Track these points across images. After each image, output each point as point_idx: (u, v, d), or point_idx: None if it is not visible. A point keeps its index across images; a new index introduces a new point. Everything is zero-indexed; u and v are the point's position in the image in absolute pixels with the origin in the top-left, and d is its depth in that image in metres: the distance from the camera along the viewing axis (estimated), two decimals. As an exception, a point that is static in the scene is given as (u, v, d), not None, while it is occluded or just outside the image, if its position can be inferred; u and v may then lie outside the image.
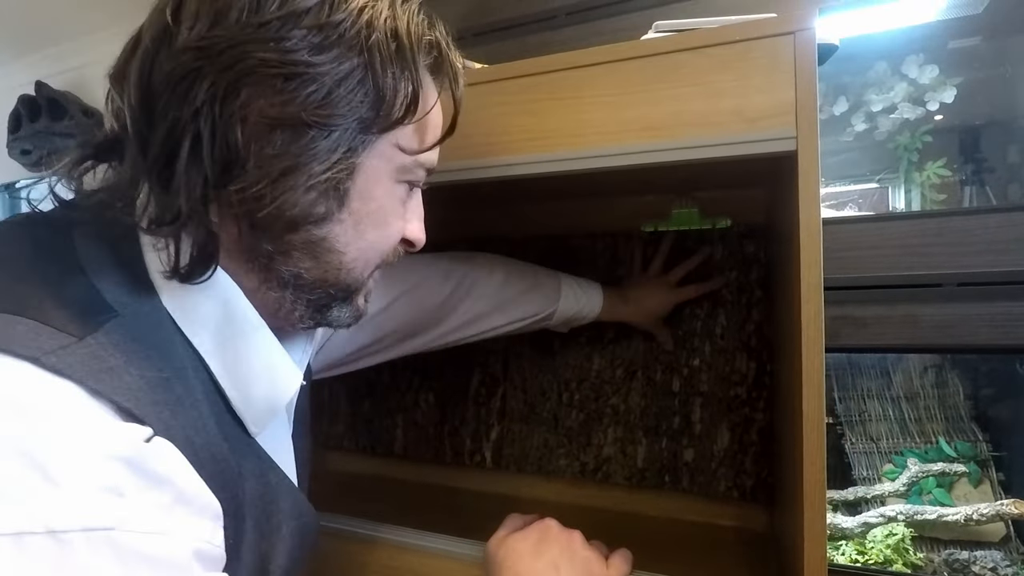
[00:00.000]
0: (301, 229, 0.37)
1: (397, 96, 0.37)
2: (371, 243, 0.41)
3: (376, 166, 0.39)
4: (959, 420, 1.08)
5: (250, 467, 0.39)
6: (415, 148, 0.41)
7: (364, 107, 0.36)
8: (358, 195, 0.39)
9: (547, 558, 0.50)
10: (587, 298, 0.74)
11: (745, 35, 0.46)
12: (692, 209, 0.77)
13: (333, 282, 0.40)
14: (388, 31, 0.37)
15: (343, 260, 0.40)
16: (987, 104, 1.12)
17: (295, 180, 0.35)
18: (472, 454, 0.91)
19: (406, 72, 0.37)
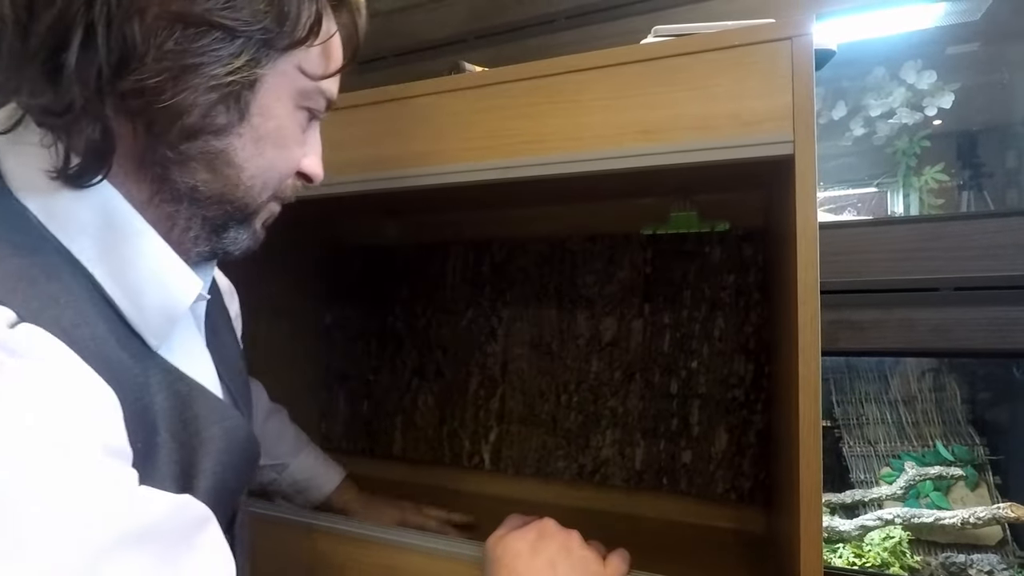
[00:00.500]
0: (200, 138, 0.37)
1: (300, 15, 0.38)
2: (270, 162, 0.41)
3: (278, 83, 0.39)
4: (956, 424, 1.09)
5: (157, 380, 0.38)
6: (317, 73, 0.41)
7: (268, 19, 0.36)
8: (259, 110, 0.39)
9: (544, 556, 0.50)
10: (324, 470, 0.76)
11: (743, 40, 0.46)
12: (691, 212, 0.78)
13: (231, 199, 0.40)
14: None
15: (241, 176, 0.39)
16: (985, 110, 1.13)
17: (195, 79, 0.35)
18: (471, 456, 0.91)
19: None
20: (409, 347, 0.98)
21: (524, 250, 0.90)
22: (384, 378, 0.99)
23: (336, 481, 0.77)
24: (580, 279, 0.86)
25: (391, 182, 0.58)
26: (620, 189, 0.77)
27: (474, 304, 0.93)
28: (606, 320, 0.85)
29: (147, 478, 0.33)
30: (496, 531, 0.54)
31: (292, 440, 0.75)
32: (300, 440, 0.76)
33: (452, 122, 0.55)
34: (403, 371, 0.98)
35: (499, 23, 1.09)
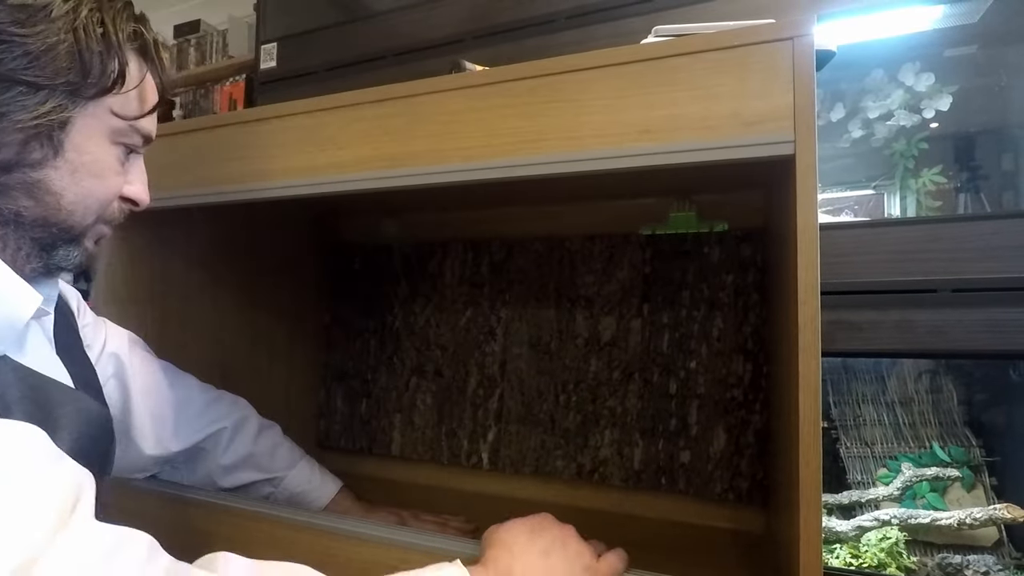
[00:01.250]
0: (16, 171, 0.43)
1: (105, 70, 0.45)
2: (88, 190, 0.46)
3: (89, 124, 0.46)
4: (953, 425, 1.09)
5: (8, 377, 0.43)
6: (129, 115, 0.48)
7: (71, 74, 0.43)
8: (72, 147, 0.45)
9: (539, 544, 0.52)
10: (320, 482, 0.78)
11: (743, 40, 0.46)
12: (690, 212, 0.78)
13: (55, 222, 0.46)
14: (95, 19, 0.44)
15: (61, 202, 0.45)
16: (982, 112, 1.13)
17: (3, 125, 0.41)
18: (469, 455, 0.91)
19: (111, 51, 0.45)
20: (408, 346, 0.98)
21: (523, 249, 0.90)
22: (383, 377, 0.99)
23: (332, 492, 0.78)
24: (579, 279, 0.86)
25: (391, 181, 0.58)
26: (619, 189, 0.77)
27: (473, 303, 0.93)
28: (605, 320, 0.85)
29: None
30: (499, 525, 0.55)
31: (286, 454, 0.77)
32: (294, 454, 0.78)
33: (452, 121, 0.55)
34: (402, 370, 0.98)
35: (498, 23, 1.09)
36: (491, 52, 1.08)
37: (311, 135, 0.62)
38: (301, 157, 0.62)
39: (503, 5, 1.09)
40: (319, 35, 1.30)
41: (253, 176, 0.64)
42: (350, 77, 1.21)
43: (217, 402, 0.75)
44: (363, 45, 1.22)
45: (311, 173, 0.62)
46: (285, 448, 0.77)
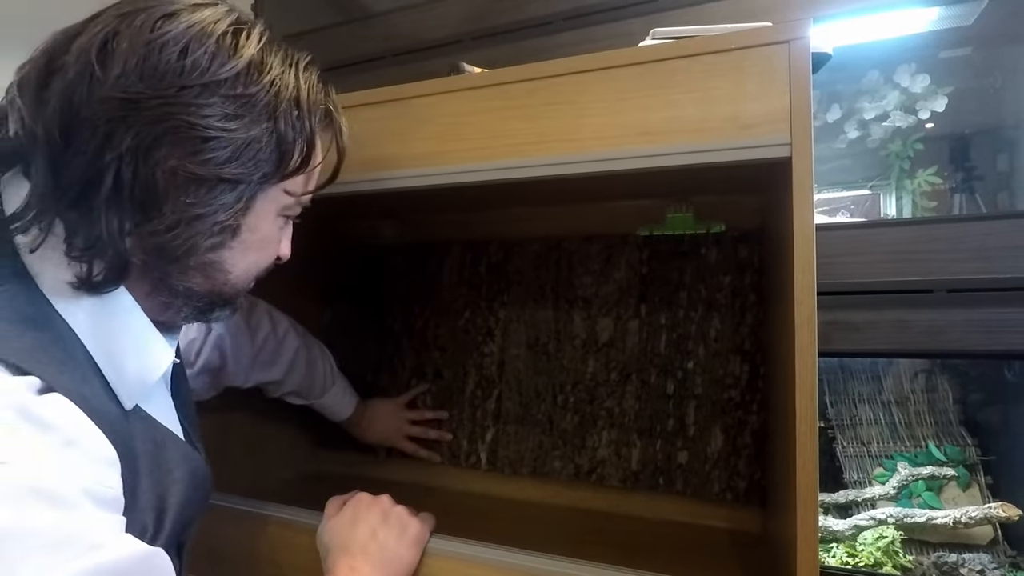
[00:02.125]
0: (196, 255, 0.43)
1: (295, 155, 0.44)
2: (252, 263, 0.48)
3: (266, 206, 0.46)
4: (948, 424, 1.10)
5: (139, 429, 0.44)
6: (300, 192, 0.48)
7: (268, 164, 0.43)
8: (248, 228, 0.45)
9: (364, 527, 0.58)
10: (344, 405, 0.90)
11: (740, 43, 0.47)
12: (687, 213, 0.78)
13: (219, 293, 0.47)
14: (292, 100, 0.43)
15: (229, 278, 0.46)
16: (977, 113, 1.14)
17: (204, 224, 0.41)
18: (467, 456, 0.91)
19: (303, 134, 0.44)
20: (407, 347, 0.98)
21: (521, 251, 0.90)
22: (382, 378, 0.99)
23: (349, 411, 0.91)
24: (577, 280, 0.87)
25: (390, 183, 0.59)
26: (617, 190, 0.77)
27: (471, 304, 0.93)
28: (603, 321, 0.85)
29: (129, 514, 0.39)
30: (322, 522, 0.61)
31: (320, 385, 0.87)
32: (327, 384, 0.88)
33: (451, 123, 0.56)
34: (401, 371, 0.98)
35: (497, 24, 1.09)
36: (490, 53, 1.08)
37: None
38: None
39: (502, 6, 1.09)
40: (317, 36, 1.30)
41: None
42: (348, 78, 1.21)
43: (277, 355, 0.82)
44: (361, 46, 1.22)
45: (310, 175, 0.62)
46: (320, 380, 0.86)
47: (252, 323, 0.80)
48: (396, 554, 0.57)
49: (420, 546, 0.59)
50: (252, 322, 0.80)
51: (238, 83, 0.41)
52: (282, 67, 0.44)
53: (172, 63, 0.39)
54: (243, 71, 0.41)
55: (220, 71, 0.40)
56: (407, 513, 0.61)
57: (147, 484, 0.43)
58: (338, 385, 0.89)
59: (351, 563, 0.55)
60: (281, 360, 0.82)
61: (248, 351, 0.78)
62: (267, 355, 0.81)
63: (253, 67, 0.42)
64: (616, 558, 0.56)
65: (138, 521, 0.41)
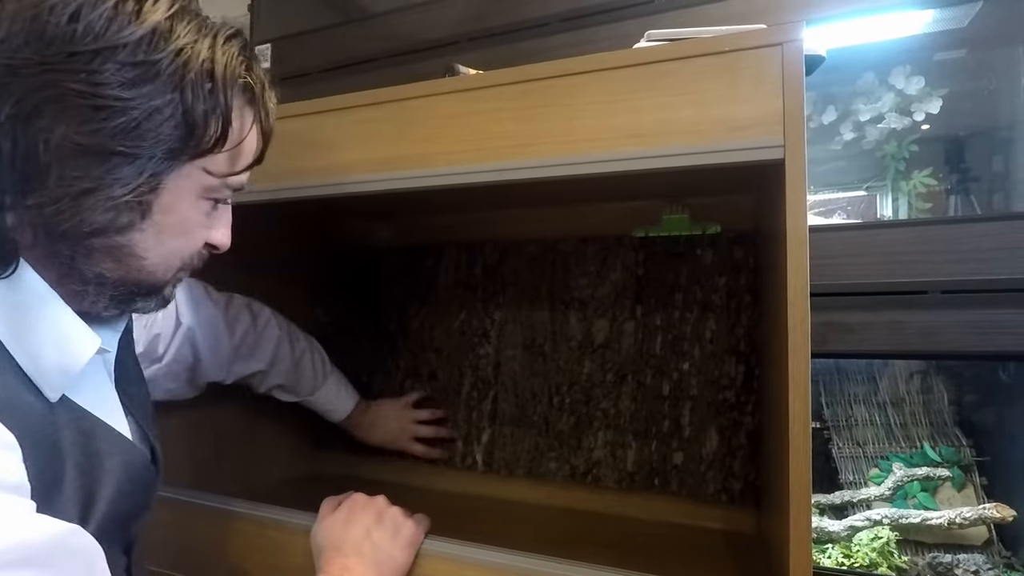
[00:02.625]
0: (101, 236, 0.40)
1: (207, 130, 0.40)
2: (172, 250, 0.44)
3: (181, 185, 0.42)
4: (943, 425, 1.10)
5: (64, 419, 0.42)
6: (223, 172, 0.44)
7: (173, 139, 0.39)
8: (160, 209, 0.41)
9: (359, 526, 0.58)
10: (340, 403, 0.89)
11: (734, 46, 0.47)
12: (682, 215, 0.78)
13: (135, 281, 0.43)
14: (204, 72, 0.40)
15: (144, 264, 0.43)
16: (972, 115, 1.14)
17: (95, 199, 0.38)
18: (463, 457, 0.91)
19: (217, 109, 0.40)
20: (402, 349, 0.98)
21: (517, 252, 0.90)
22: (377, 380, 0.99)
23: (348, 410, 0.90)
24: (572, 281, 0.87)
25: (384, 184, 0.59)
26: (612, 192, 0.77)
27: (467, 306, 0.93)
28: (598, 322, 0.85)
29: (50, 504, 0.38)
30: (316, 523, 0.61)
31: (311, 381, 0.86)
32: (318, 378, 0.86)
33: (446, 124, 0.56)
34: (396, 372, 0.98)
35: (492, 25, 1.09)
36: (485, 54, 1.09)
37: (306, 138, 0.62)
38: (295, 160, 0.62)
39: (497, 8, 1.10)
40: (313, 37, 1.29)
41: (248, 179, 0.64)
42: (344, 79, 1.21)
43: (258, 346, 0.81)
44: (357, 47, 1.22)
45: (305, 176, 0.62)
46: (309, 374, 0.85)
47: (229, 316, 0.78)
48: (389, 555, 0.57)
49: (414, 548, 0.59)
50: (229, 315, 0.79)
51: (139, 50, 0.37)
52: (195, 36, 0.40)
53: (61, 26, 0.36)
54: (145, 36, 0.38)
55: (117, 36, 0.37)
56: (402, 514, 0.61)
57: (73, 475, 0.41)
58: (332, 381, 0.88)
59: (344, 563, 0.55)
60: (262, 351, 0.81)
61: (227, 343, 0.77)
62: (247, 348, 0.80)
63: (158, 34, 0.38)
64: (611, 559, 0.56)
65: (61, 511, 0.39)
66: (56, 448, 0.40)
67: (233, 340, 0.78)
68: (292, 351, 0.83)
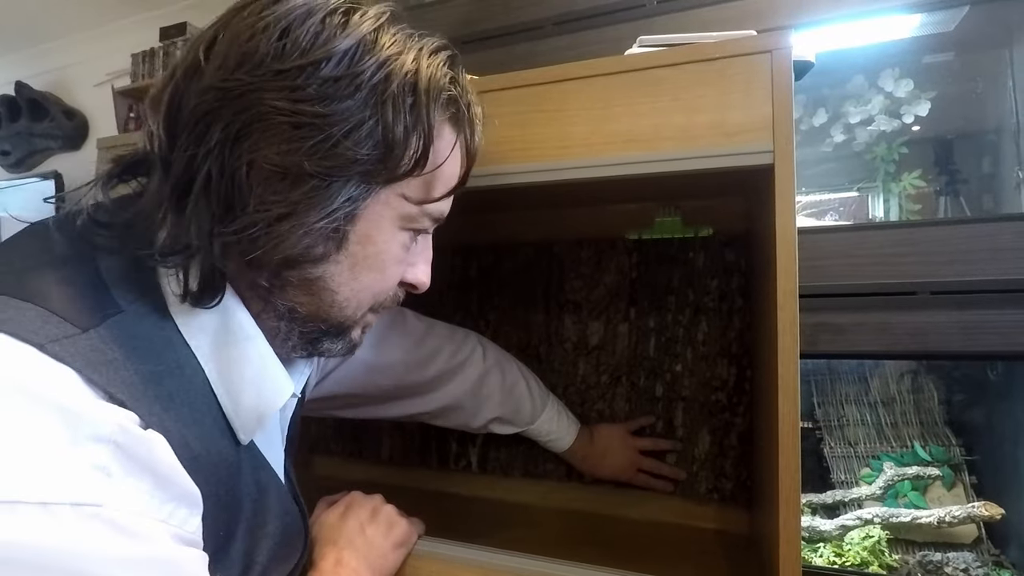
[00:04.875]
0: (297, 268, 0.38)
1: (407, 150, 0.38)
2: (365, 285, 0.42)
3: (379, 213, 0.40)
4: (934, 425, 1.11)
5: (248, 466, 0.41)
6: (422, 199, 0.41)
7: (370, 159, 0.37)
8: (357, 239, 0.39)
9: (354, 520, 0.58)
10: (563, 430, 0.79)
11: (724, 53, 0.48)
12: (675, 218, 0.79)
13: (325, 318, 0.42)
14: (407, 85, 0.37)
15: (335, 299, 0.41)
16: (960, 117, 1.16)
17: (290, 225, 0.36)
18: (458, 458, 0.91)
19: (418, 127, 0.38)
20: (397, 350, 0.98)
21: (511, 254, 0.91)
22: (372, 381, 1.00)
23: (572, 438, 0.79)
24: (567, 283, 0.87)
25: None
26: (606, 195, 0.78)
27: (462, 308, 0.94)
28: (592, 324, 0.86)
29: (219, 556, 0.37)
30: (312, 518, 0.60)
31: (528, 412, 0.77)
32: (536, 408, 0.77)
33: (440, 129, 0.56)
34: (391, 374, 0.98)
35: (487, 29, 1.10)
36: (479, 57, 1.09)
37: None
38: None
39: (492, 11, 1.10)
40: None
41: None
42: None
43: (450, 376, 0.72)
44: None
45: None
46: (527, 404, 0.76)
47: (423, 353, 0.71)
48: (381, 551, 0.57)
49: (405, 548, 0.59)
50: (423, 352, 0.71)
51: (342, 62, 0.35)
52: (401, 47, 0.38)
53: (272, 44, 0.35)
54: (350, 49, 0.36)
55: (322, 50, 0.35)
56: (396, 513, 0.61)
57: (241, 533, 0.40)
58: (551, 407, 0.78)
59: (337, 556, 0.55)
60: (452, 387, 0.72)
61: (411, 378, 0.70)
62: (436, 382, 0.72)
63: (363, 45, 0.36)
64: (605, 559, 0.56)
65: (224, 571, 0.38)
66: (235, 502, 0.39)
67: (424, 375, 0.71)
68: (503, 380, 0.75)
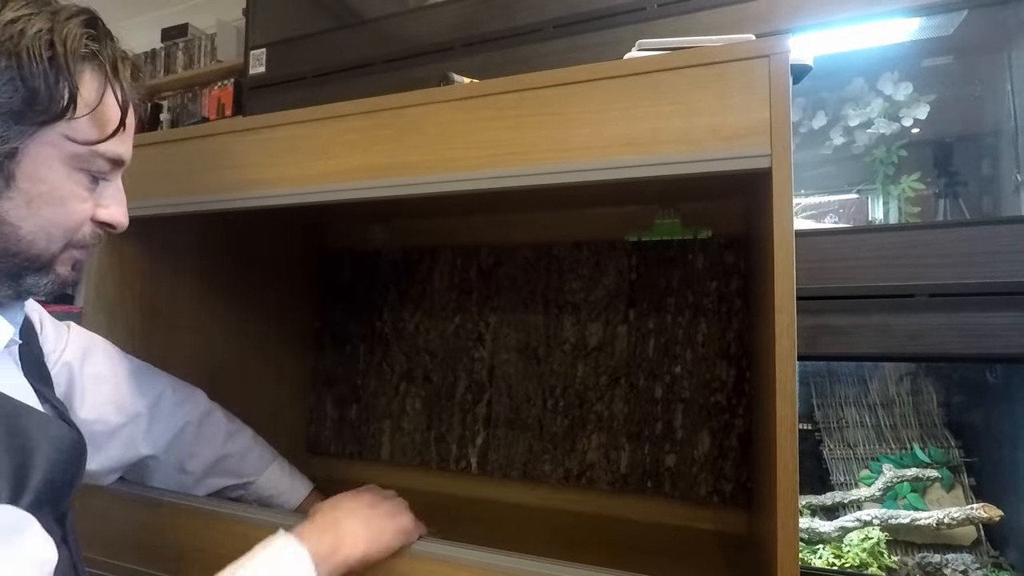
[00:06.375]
0: None
1: (53, 95, 0.43)
2: (48, 219, 0.46)
3: (44, 152, 0.44)
4: (933, 427, 1.11)
5: None
6: (89, 139, 0.46)
7: (15, 102, 0.42)
8: (25, 176, 0.44)
9: (364, 497, 0.61)
10: (290, 484, 0.77)
11: (722, 57, 0.48)
12: (674, 220, 0.79)
13: (15, 252, 0.45)
14: (41, 41, 0.43)
15: (20, 232, 0.44)
16: (959, 120, 1.16)
17: None
18: (458, 460, 0.92)
19: (60, 76, 0.43)
20: (397, 352, 0.99)
21: (511, 256, 0.91)
22: (372, 382, 1.00)
23: (303, 494, 0.77)
24: (566, 285, 0.88)
25: (380, 191, 0.59)
26: (605, 197, 0.78)
27: (461, 309, 0.94)
28: (592, 325, 0.86)
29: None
30: None
31: (256, 459, 0.75)
32: (264, 458, 0.76)
33: (440, 133, 0.57)
34: (391, 376, 0.99)
35: (488, 31, 1.10)
36: (480, 59, 1.10)
37: (302, 145, 0.63)
38: (292, 166, 0.63)
39: (492, 14, 1.11)
40: (308, 41, 1.30)
41: (245, 185, 0.65)
42: (339, 83, 1.22)
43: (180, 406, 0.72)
44: (352, 52, 1.23)
45: (302, 182, 0.62)
46: (255, 453, 0.75)
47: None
48: (380, 529, 0.58)
49: (405, 537, 0.60)
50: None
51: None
52: (32, 10, 0.43)
53: None
54: None
55: None
56: (405, 507, 0.62)
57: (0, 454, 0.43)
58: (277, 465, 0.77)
59: (336, 516, 0.57)
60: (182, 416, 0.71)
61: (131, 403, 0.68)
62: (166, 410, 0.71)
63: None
64: (605, 560, 0.57)
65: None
66: None
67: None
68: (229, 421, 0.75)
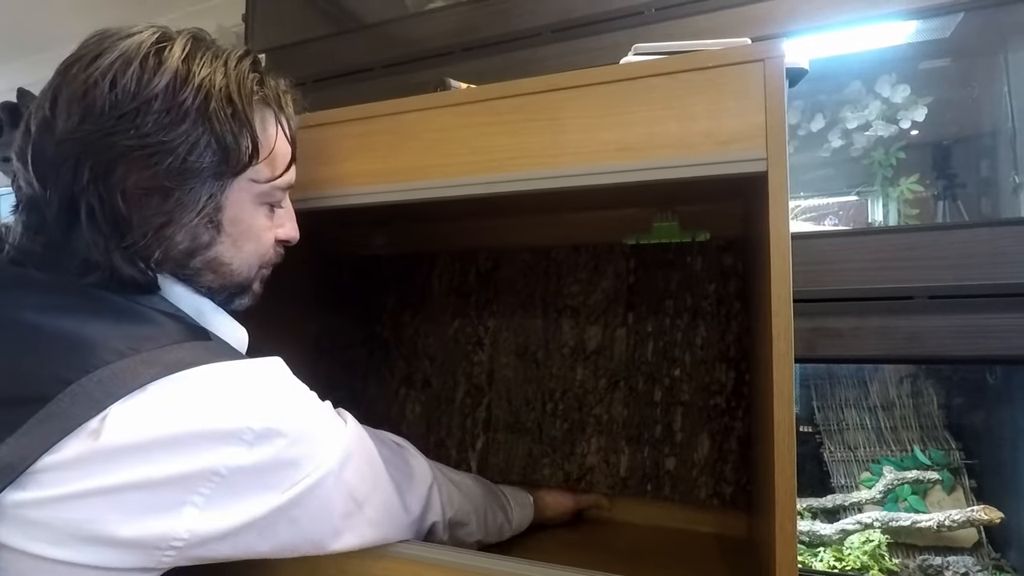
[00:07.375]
0: (197, 256, 0.50)
1: (240, 148, 0.48)
2: (250, 252, 0.53)
3: (238, 198, 0.50)
4: (933, 429, 1.11)
5: None
6: (267, 178, 0.52)
7: (215, 163, 0.47)
8: (229, 222, 0.50)
9: None
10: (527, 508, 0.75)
11: (717, 61, 0.48)
12: (672, 223, 0.80)
13: (230, 285, 0.54)
14: (223, 99, 0.47)
15: (232, 269, 0.52)
16: (956, 122, 1.16)
17: (173, 229, 0.47)
18: (458, 464, 0.92)
19: (243, 128, 0.48)
20: (397, 356, 0.99)
21: (510, 260, 0.91)
22: (372, 387, 1.00)
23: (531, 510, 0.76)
24: (565, 288, 0.88)
25: (377, 196, 0.60)
26: (603, 201, 0.78)
27: (461, 314, 0.94)
28: (591, 329, 0.86)
29: None
30: None
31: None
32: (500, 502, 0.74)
33: (437, 138, 0.57)
34: (391, 380, 0.99)
35: (486, 36, 1.11)
36: (478, 64, 1.10)
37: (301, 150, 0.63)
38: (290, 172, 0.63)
39: (490, 18, 1.11)
40: (307, 46, 1.31)
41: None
42: (338, 88, 1.22)
43: None
44: (351, 57, 1.23)
45: (300, 188, 0.62)
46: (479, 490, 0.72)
47: None
48: None
49: None
50: None
51: (167, 96, 0.45)
52: (210, 69, 0.47)
53: (105, 95, 0.44)
54: (169, 83, 0.45)
55: (147, 90, 0.44)
56: None
57: None
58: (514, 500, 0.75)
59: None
60: None
61: None
62: None
63: (179, 77, 0.45)
64: (605, 564, 0.57)
65: None
66: None
67: None
68: None
